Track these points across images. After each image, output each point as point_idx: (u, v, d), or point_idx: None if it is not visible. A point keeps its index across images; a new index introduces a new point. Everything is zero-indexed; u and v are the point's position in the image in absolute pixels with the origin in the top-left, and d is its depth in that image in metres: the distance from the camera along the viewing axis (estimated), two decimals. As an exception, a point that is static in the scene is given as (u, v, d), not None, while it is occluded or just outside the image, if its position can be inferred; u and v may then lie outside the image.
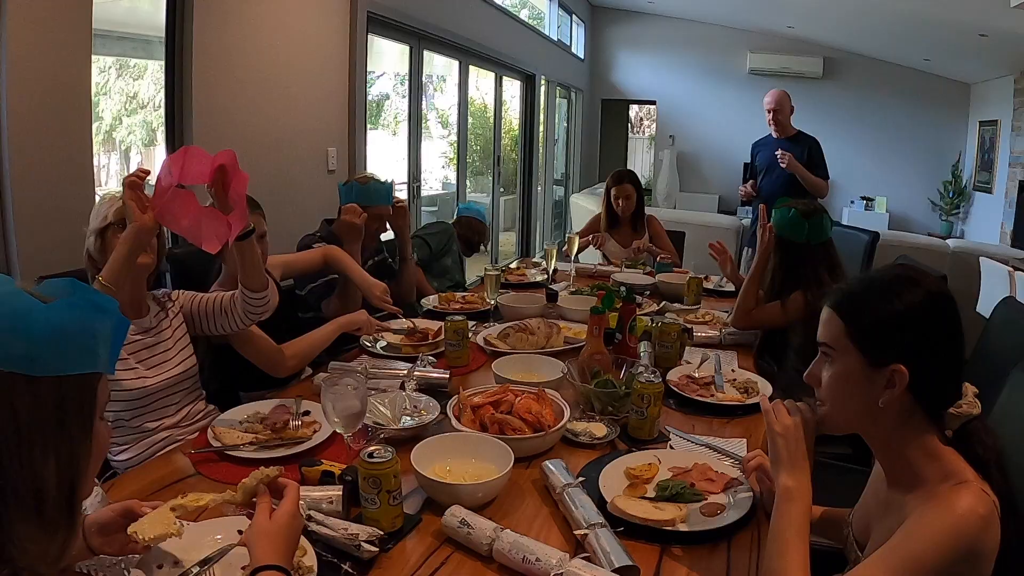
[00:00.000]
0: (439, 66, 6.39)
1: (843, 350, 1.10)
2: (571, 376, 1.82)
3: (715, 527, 1.29)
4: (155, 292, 1.82)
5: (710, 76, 9.49)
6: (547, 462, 1.42)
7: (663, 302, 2.84)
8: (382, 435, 1.60)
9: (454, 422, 1.58)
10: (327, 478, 1.42)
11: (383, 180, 2.77)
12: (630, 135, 11.54)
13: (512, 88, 7.79)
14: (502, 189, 7.83)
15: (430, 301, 2.80)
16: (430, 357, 2.10)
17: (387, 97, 5.99)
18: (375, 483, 1.25)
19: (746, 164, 4.72)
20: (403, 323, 2.43)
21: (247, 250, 1.65)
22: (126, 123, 3.24)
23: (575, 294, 2.90)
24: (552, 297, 2.63)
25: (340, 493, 1.33)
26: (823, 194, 4.15)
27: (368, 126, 4.49)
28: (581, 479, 1.35)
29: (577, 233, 3.56)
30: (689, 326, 2.39)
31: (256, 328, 1.90)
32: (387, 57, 5.46)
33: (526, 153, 8.15)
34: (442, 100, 6.85)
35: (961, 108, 8.24)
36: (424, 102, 5.54)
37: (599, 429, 1.66)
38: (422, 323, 2.44)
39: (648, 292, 3.02)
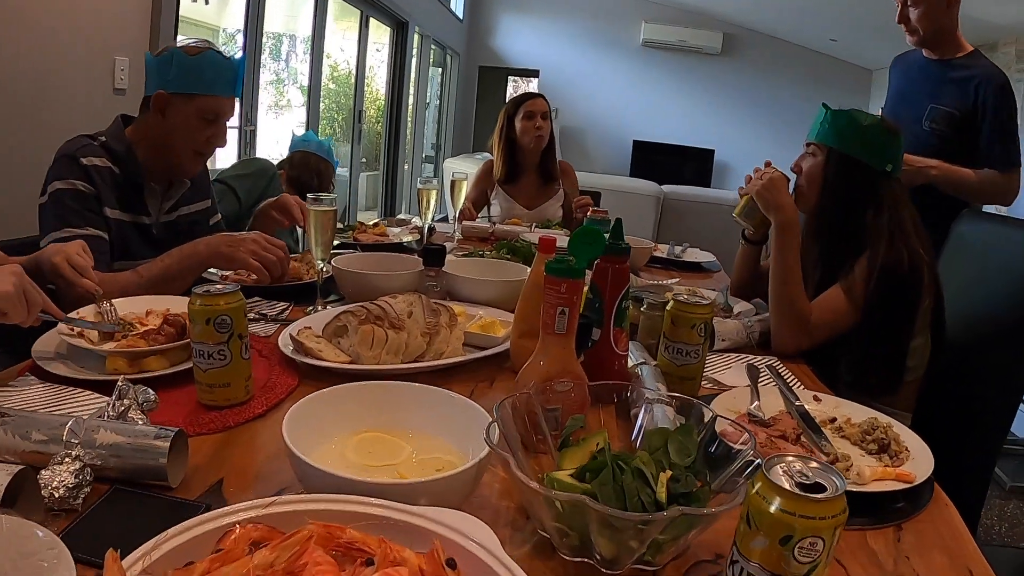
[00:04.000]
0: (304, 22, 5.16)
1: None
2: (517, 461, 0.62)
3: None
4: None
5: (600, 46, 8.62)
6: None
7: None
8: None
9: None
10: None
11: (225, 52, 1.45)
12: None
13: (381, 52, 6.51)
14: (364, 160, 6.49)
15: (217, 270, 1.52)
16: (146, 392, 0.84)
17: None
18: None
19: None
20: (135, 304, 1.16)
21: None
22: None
23: (469, 257, 1.69)
24: (434, 257, 1.37)
25: None
26: (1004, 199, 2.07)
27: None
28: None
29: (462, 179, 2.31)
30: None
31: None
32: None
33: (392, 123, 6.85)
34: (303, 74, 5.53)
35: (862, 94, 7.82)
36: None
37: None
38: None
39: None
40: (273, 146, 4.82)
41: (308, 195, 1.29)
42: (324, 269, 1.34)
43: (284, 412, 0.81)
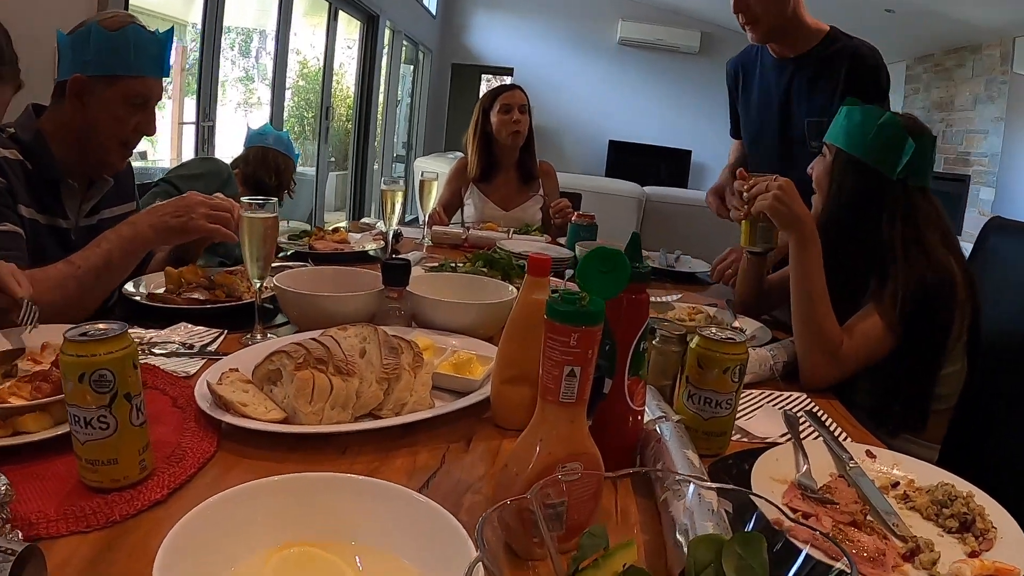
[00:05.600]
0: (274, 17, 4.92)
1: None
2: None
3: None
4: None
5: (576, 45, 8.45)
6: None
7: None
8: None
9: None
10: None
11: (150, 29, 1.26)
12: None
13: (352, 49, 6.25)
14: (332, 159, 6.23)
15: (145, 284, 1.29)
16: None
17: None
18: None
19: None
20: (29, 337, 0.93)
21: None
22: None
23: (439, 270, 1.47)
24: (396, 275, 1.14)
25: None
26: None
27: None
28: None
29: (432, 179, 2.08)
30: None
31: None
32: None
33: (362, 121, 6.59)
34: (271, 69, 5.28)
35: (840, 95, 7.80)
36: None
37: None
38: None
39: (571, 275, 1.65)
40: (238, 144, 4.53)
41: (243, 199, 1.06)
42: (262, 288, 1.11)
43: (194, 496, 0.58)
